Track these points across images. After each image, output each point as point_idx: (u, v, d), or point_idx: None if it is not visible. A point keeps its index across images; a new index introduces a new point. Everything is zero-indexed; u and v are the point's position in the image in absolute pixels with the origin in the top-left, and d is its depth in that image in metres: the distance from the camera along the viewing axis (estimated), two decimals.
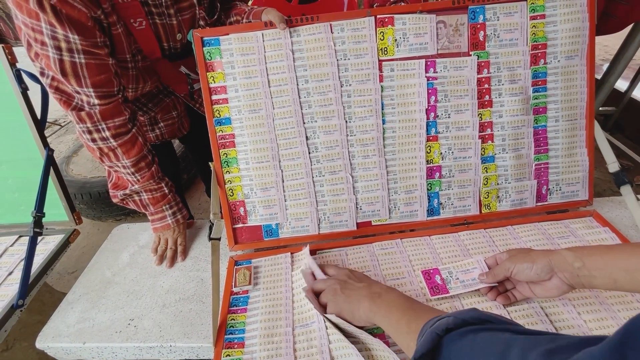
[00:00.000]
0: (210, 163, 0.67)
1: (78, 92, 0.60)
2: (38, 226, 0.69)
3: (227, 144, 0.66)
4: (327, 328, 0.53)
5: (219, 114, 0.66)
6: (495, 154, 0.68)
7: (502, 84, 0.66)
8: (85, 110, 0.61)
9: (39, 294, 0.92)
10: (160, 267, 0.73)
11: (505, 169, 0.68)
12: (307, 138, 0.66)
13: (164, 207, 0.74)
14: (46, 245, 0.79)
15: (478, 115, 0.67)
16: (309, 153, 0.67)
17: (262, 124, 0.66)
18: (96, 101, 0.61)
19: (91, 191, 1.44)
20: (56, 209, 0.83)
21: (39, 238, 0.80)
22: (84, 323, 0.63)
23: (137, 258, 0.76)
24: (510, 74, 0.65)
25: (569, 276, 0.47)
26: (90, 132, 0.63)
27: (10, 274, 0.73)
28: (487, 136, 0.67)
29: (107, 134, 0.64)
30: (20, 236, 0.81)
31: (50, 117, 2.45)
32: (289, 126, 0.66)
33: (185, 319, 0.62)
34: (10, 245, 0.80)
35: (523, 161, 0.68)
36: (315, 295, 0.56)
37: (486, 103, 0.66)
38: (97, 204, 1.47)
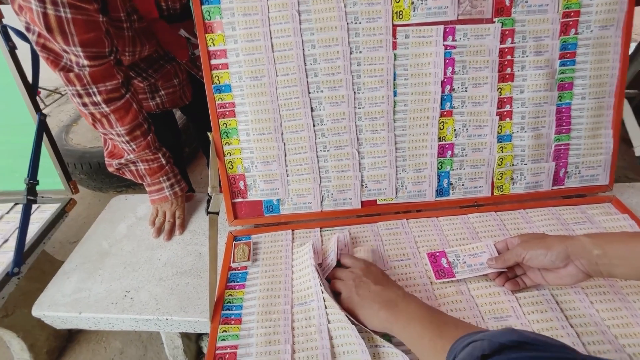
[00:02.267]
0: (208, 133, 0.63)
1: (66, 51, 0.56)
2: (31, 194, 0.67)
3: (227, 113, 0.62)
4: (326, 307, 0.51)
5: (218, 80, 0.61)
6: (513, 133, 0.64)
7: (527, 56, 0.60)
8: (74, 72, 0.57)
9: (39, 263, 0.92)
10: (157, 239, 0.71)
11: (522, 149, 0.64)
12: (312, 109, 0.62)
13: (161, 179, 0.72)
14: (42, 214, 0.77)
15: (497, 89, 0.62)
16: (314, 126, 0.63)
17: (264, 92, 0.61)
18: (85, 62, 0.56)
19: (91, 161, 1.41)
20: (52, 178, 0.81)
21: (35, 206, 0.78)
22: (80, 293, 0.62)
23: (134, 230, 0.74)
24: (536, 44, 0.60)
25: (587, 264, 0.44)
26: (80, 96, 0.59)
27: (5, 241, 0.71)
28: (505, 113, 0.63)
29: (99, 98, 0.60)
30: (15, 204, 0.80)
31: (51, 84, 2.39)
32: (293, 96, 0.61)
33: (182, 293, 0.60)
34: (6, 213, 0.78)
35: (542, 141, 0.64)
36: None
37: (507, 77, 0.61)
38: (97, 175, 1.45)
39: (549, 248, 0.46)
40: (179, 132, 1.06)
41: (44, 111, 0.76)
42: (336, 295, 0.52)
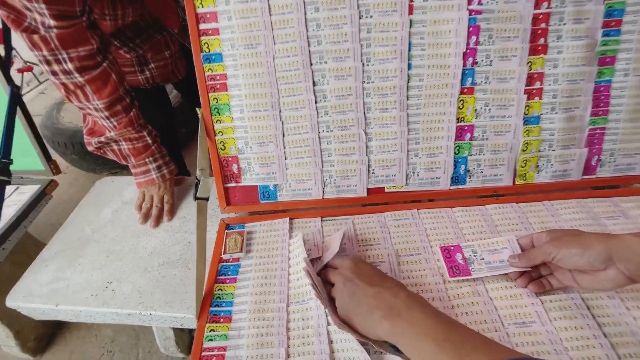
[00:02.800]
0: (197, 109, 0.56)
1: (29, 9, 0.48)
2: (4, 174, 0.61)
3: (218, 86, 0.55)
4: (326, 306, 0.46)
5: (207, 47, 0.54)
6: (542, 114, 0.56)
7: (564, 24, 0.52)
8: (39, 34, 0.50)
9: (25, 247, 0.87)
10: (144, 226, 0.66)
11: (551, 133, 0.57)
12: (314, 83, 0.55)
13: (147, 160, 0.65)
14: (21, 196, 0.71)
15: (527, 63, 0.54)
16: (316, 102, 0.55)
17: (260, 62, 0.54)
18: (52, 22, 0.49)
19: (82, 141, 1.34)
20: (32, 157, 0.75)
21: (13, 187, 0.72)
22: (58, 283, 0.57)
23: (119, 215, 0.69)
24: (576, 10, 0.51)
25: (633, 268, 0.38)
26: (48, 63, 0.52)
27: None
28: (534, 91, 0.55)
29: (70, 66, 0.53)
30: None
31: None
32: (293, 67, 0.54)
33: (168, 286, 0.55)
34: None
35: (574, 124, 0.56)
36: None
37: (540, 48, 0.53)
38: (89, 155, 1.39)
39: (587, 247, 0.40)
40: (172, 111, 0.99)
41: (38, 88, 0.69)
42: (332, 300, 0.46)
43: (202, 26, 0.53)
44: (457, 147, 0.57)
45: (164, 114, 0.91)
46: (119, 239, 0.63)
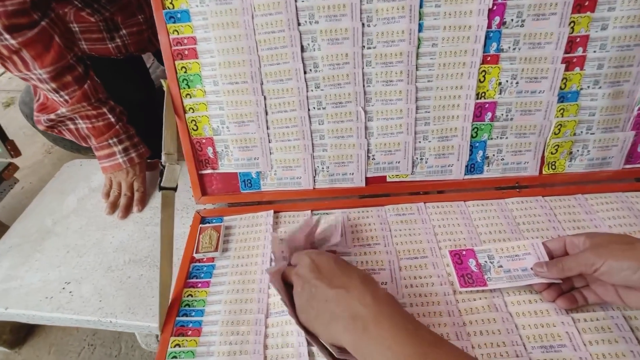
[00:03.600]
0: (162, 81, 0.46)
1: None
2: None
3: (186, 52, 0.45)
4: None
5: (171, 3, 0.43)
6: (582, 89, 0.46)
7: None
8: None
9: None
10: (111, 217, 0.58)
11: (591, 113, 0.47)
12: (302, 48, 0.45)
13: (110, 142, 0.56)
14: None
15: (570, 24, 0.43)
16: (305, 73, 0.45)
17: (235, 22, 0.44)
18: None
19: None
20: None
21: None
22: (10, 282, 0.50)
23: (85, 204, 0.61)
24: None
25: None
26: None
27: None
28: (575, 60, 0.45)
29: None
30: None
31: None
32: (276, 28, 0.44)
33: (132, 288, 0.48)
34: None
35: (621, 102, 0.46)
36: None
37: (586, 4, 0.42)
38: None
39: None
40: (150, 85, 0.89)
41: None
42: None
43: None
44: (475, 129, 0.48)
45: (140, 88, 0.81)
46: (83, 232, 0.56)
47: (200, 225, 0.49)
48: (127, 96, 0.62)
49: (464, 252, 0.43)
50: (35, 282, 0.49)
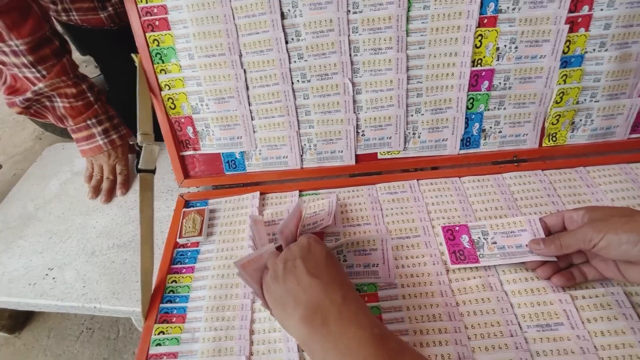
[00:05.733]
0: (133, 55, 0.43)
1: None
2: None
3: (157, 23, 0.42)
4: None
5: None
6: (586, 52, 0.42)
7: None
8: None
9: None
10: (94, 201, 0.56)
11: (596, 78, 0.43)
12: (282, 15, 0.41)
13: (89, 122, 0.54)
14: None
15: None
16: (286, 42, 0.42)
17: None
18: None
19: None
20: None
21: None
22: None
23: (68, 188, 0.59)
24: None
25: None
26: None
27: None
28: (580, 20, 0.41)
29: None
30: None
31: None
32: None
33: (116, 273, 0.46)
34: None
35: (629, 65, 0.43)
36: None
37: None
38: None
39: None
40: None
41: None
42: None
43: None
44: (471, 100, 0.45)
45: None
46: (65, 217, 0.54)
47: (184, 210, 0.48)
48: (121, 72, 0.58)
49: (456, 228, 0.41)
50: (18, 269, 0.48)
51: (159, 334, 0.38)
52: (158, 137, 0.44)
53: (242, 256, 0.34)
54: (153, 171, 0.43)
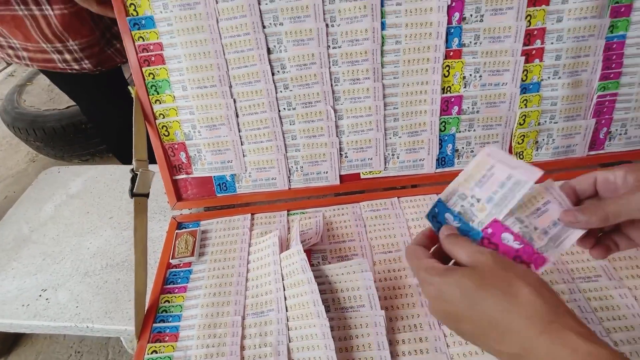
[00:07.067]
0: (130, 88, 0.47)
1: None
2: None
3: (153, 58, 0.46)
4: (288, 320, 0.39)
5: (135, 10, 0.44)
6: (542, 80, 0.47)
7: None
8: None
9: None
10: (88, 223, 0.58)
11: (553, 103, 0.48)
12: (269, 50, 0.45)
13: None
14: None
15: (526, 17, 0.44)
16: (273, 74, 0.46)
17: (201, 26, 0.44)
18: None
19: (44, 126, 1.24)
20: None
21: None
22: None
23: (63, 211, 0.60)
24: None
25: None
26: None
27: None
28: (534, 52, 0.46)
29: None
30: None
31: None
32: (241, 31, 0.44)
33: (109, 293, 0.48)
34: None
35: (581, 91, 0.48)
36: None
37: None
38: (54, 142, 1.29)
39: None
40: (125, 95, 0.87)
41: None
42: None
43: None
44: (443, 123, 0.49)
45: (122, 105, 0.79)
46: (60, 239, 0.56)
47: (177, 231, 0.50)
48: (109, 114, 0.61)
49: (489, 230, 0.29)
50: (12, 290, 0.49)
51: (152, 353, 0.39)
52: (151, 159, 0.46)
53: (239, 272, 0.36)
54: (147, 195, 0.45)
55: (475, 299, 0.25)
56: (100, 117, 0.82)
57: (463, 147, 0.50)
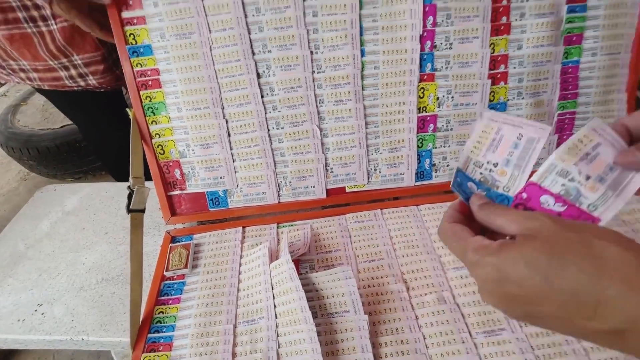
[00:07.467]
0: (127, 110, 0.50)
1: None
2: None
3: (150, 83, 0.49)
4: (277, 327, 0.41)
5: (134, 39, 0.47)
6: (508, 100, 0.52)
7: (527, 0, 0.48)
8: None
9: None
10: (84, 239, 0.59)
11: None
12: (258, 75, 0.49)
13: None
14: None
15: (490, 45, 0.49)
16: (262, 97, 0.50)
17: (195, 54, 0.48)
18: None
19: (39, 146, 1.26)
20: None
21: None
22: None
23: (58, 227, 0.62)
24: None
25: None
26: None
27: None
28: (499, 75, 0.51)
29: None
30: None
31: None
32: (233, 58, 0.48)
33: (104, 306, 0.49)
34: None
35: (543, 110, 0.52)
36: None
37: (502, 28, 0.49)
38: (47, 161, 1.30)
39: None
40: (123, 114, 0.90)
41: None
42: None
43: (125, 14, 0.46)
44: (420, 140, 0.53)
45: (120, 126, 0.82)
46: (55, 255, 0.57)
47: (171, 245, 0.52)
48: (109, 135, 0.63)
49: (523, 195, 0.26)
50: (8, 306, 0.50)
51: None
52: (146, 176, 0.49)
53: (231, 282, 0.38)
54: (143, 210, 0.48)
55: (551, 272, 0.20)
56: (98, 137, 0.85)
57: (439, 162, 0.54)
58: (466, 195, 0.29)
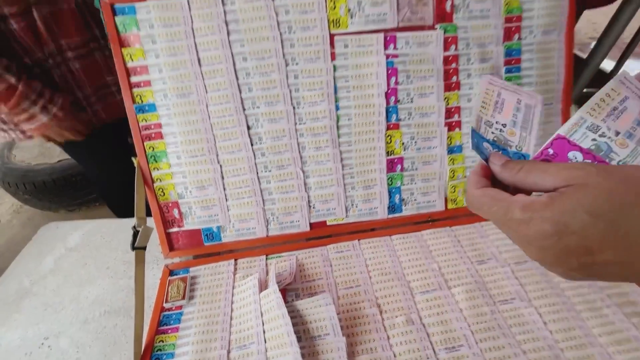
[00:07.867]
0: (133, 159, 0.56)
1: None
2: None
3: (153, 135, 0.56)
4: (267, 350, 0.46)
5: (140, 99, 0.55)
6: (463, 144, 0.61)
7: (472, 63, 0.57)
8: None
9: None
10: (87, 274, 0.64)
11: (473, 161, 0.61)
12: (248, 127, 0.57)
13: (23, 106, 0.57)
14: None
15: (444, 99, 0.58)
16: (252, 145, 0.57)
17: (193, 110, 0.55)
18: None
19: (35, 180, 1.30)
20: None
21: None
22: None
23: (62, 263, 0.67)
24: (480, 51, 0.57)
25: None
26: None
27: None
28: (454, 123, 0.60)
29: None
30: None
31: None
32: (226, 113, 0.56)
33: (108, 337, 0.54)
34: None
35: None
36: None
37: (453, 85, 0.58)
38: (43, 195, 1.34)
39: None
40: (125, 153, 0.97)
41: None
42: None
43: (134, 79, 0.54)
44: (390, 178, 0.61)
45: (125, 168, 0.89)
46: (60, 290, 0.62)
47: (169, 278, 0.57)
48: (113, 174, 0.69)
49: (550, 151, 0.25)
50: (15, 340, 0.54)
51: None
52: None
53: (225, 312, 0.44)
54: (145, 248, 0.54)
55: (614, 216, 0.19)
56: (104, 177, 0.91)
57: (408, 197, 0.62)
58: (485, 156, 0.29)
